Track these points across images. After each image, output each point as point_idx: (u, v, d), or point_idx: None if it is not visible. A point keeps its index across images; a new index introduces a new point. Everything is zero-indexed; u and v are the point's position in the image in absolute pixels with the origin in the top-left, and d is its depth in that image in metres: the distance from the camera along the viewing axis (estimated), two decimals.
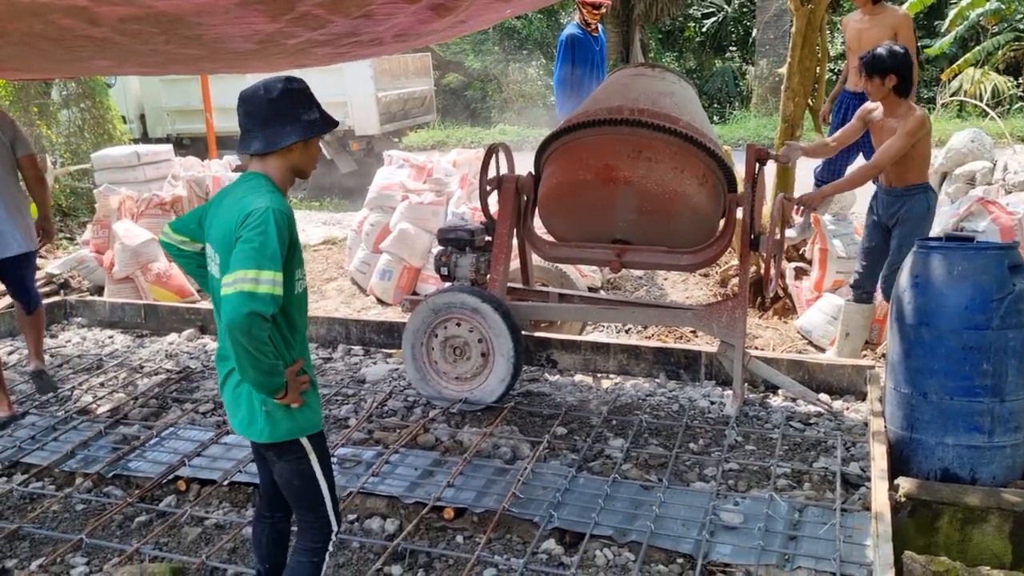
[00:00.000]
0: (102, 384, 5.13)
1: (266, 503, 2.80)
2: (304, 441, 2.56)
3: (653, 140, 4.32)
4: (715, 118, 18.36)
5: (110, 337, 6.14)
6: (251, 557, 3.26)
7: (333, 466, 3.85)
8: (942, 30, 15.90)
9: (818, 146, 4.86)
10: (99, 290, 7.21)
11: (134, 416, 4.55)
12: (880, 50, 4.34)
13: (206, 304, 6.55)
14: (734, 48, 22.70)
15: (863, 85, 4.52)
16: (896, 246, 4.51)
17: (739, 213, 4.53)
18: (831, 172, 6.11)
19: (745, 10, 21.83)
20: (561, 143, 4.58)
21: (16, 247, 4.66)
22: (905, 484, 3.28)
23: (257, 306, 2.28)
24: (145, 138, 13.85)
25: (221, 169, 8.69)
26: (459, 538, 3.39)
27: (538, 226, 5.00)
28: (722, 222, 4.57)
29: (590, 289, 6.01)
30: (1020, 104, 14.64)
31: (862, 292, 4.80)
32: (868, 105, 4.58)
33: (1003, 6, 14.78)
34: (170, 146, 9.78)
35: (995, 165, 6.78)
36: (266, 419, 2.51)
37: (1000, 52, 15.02)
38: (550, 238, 4.89)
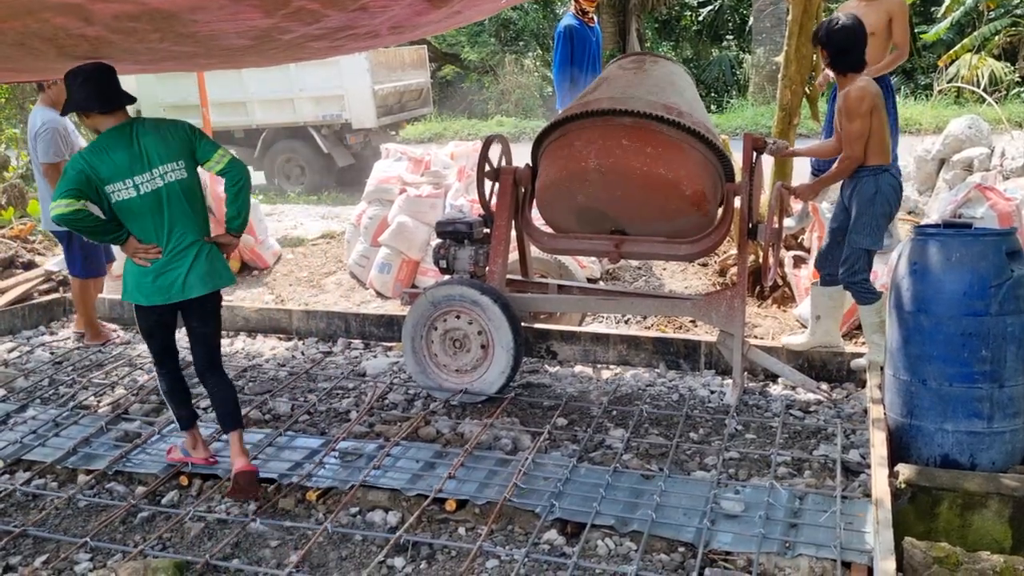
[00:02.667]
0: (103, 379, 5.13)
1: (174, 358, 3.81)
2: None
3: (650, 130, 4.32)
4: (712, 107, 18.30)
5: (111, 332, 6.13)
6: (253, 551, 3.29)
7: (335, 460, 3.90)
8: (938, 16, 15.85)
9: (818, 147, 4.80)
10: None
11: (135, 412, 4.57)
12: (824, 21, 4.23)
13: None
14: (731, 37, 22.66)
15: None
16: (849, 230, 4.32)
17: (737, 202, 4.53)
18: (828, 160, 6.09)
19: None
20: (558, 134, 4.57)
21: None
22: (905, 471, 3.29)
23: None
24: None
25: None
26: (461, 529, 3.41)
27: (536, 218, 5.00)
28: (720, 211, 4.57)
29: (589, 280, 6.01)
30: (1017, 90, 14.59)
31: (825, 273, 4.63)
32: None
33: None
34: None
35: (993, 151, 6.78)
36: (227, 264, 3.64)
37: (997, 38, 14.96)
38: (548, 229, 4.89)
